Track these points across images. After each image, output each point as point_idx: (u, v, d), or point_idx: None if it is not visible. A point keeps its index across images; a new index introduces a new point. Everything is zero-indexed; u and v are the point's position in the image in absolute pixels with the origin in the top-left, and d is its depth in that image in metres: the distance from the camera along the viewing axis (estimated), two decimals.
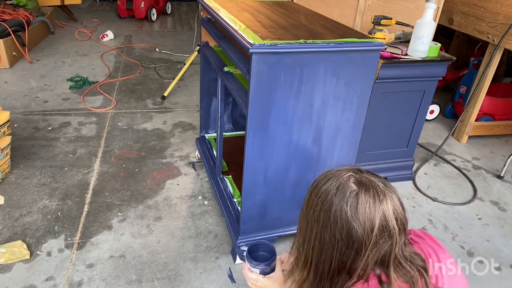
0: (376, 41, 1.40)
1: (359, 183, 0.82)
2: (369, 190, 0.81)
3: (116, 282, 1.61)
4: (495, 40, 2.51)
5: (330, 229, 0.81)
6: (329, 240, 0.82)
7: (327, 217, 0.82)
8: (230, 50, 1.60)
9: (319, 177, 0.89)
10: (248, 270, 1.24)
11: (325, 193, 0.83)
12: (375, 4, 2.36)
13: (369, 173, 0.86)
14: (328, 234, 0.82)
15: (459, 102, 3.10)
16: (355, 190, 0.81)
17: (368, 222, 0.79)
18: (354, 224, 0.79)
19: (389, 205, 0.80)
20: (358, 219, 0.79)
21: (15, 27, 3.75)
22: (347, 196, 0.80)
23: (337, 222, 0.80)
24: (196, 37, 4.48)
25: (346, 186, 0.82)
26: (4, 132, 2.09)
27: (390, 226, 0.79)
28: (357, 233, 0.79)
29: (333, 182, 0.84)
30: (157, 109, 3.09)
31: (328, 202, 0.82)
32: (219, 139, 1.91)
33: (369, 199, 0.80)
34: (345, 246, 0.81)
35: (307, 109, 1.44)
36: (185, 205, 2.07)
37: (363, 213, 0.79)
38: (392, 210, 0.80)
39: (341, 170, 0.87)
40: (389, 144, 2.30)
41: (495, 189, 2.40)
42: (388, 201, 0.80)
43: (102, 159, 2.39)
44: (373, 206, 0.79)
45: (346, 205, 0.80)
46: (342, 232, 0.80)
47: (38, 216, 1.92)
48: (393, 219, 0.80)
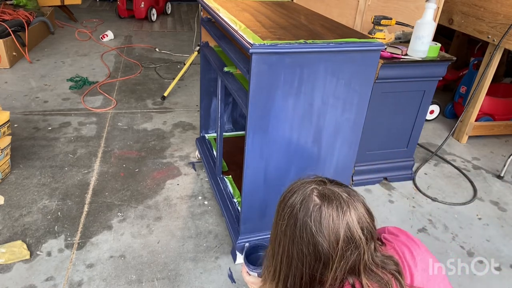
0: (376, 41, 1.40)
1: (322, 196, 0.82)
2: (331, 202, 0.80)
3: (116, 282, 1.61)
4: (495, 40, 2.51)
5: (297, 244, 0.81)
6: (297, 254, 0.82)
7: (293, 232, 0.81)
8: (230, 50, 1.60)
9: (286, 190, 0.88)
10: (246, 273, 1.25)
11: (290, 207, 0.83)
12: (375, 4, 2.36)
13: (333, 183, 0.86)
14: (295, 249, 0.82)
15: (459, 102, 3.10)
16: (318, 204, 0.80)
17: (332, 235, 0.78)
18: (319, 238, 0.78)
19: (353, 215, 0.79)
20: (322, 233, 0.78)
21: (15, 27, 3.75)
22: (311, 210, 0.80)
23: (303, 238, 0.80)
24: (196, 37, 4.48)
25: (309, 200, 0.81)
26: (4, 132, 2.09)
27: (355, 237, 0.79)
28: (323, 247, 0.79)
29: (298, 196, 0.83)
30: (157, 109, 3.09)
31: (293, 217, 0.82)
32: (219, 139, 1.91)
33: (332, 212, 0.79)
34: (313, 260, 0.80)
35: (307, 109, 1.44)
36: (185, 205, 2.07)
37: (327, 226, 0.78)
38: (356, 220, 0.79)
39: (305, 182, 0.86)
40: (389, 144, 2.30)
41: (495, 189, 2.40)
42: (352, 212, 0.79)
43: (102, 159, 2.39)
44: (336, 219, 0.79)
45: (310, 220, 0.79)
46: (309, 247, 0.80)
47: (38, 216, 1.92)
48: (358, 229, 0.79)
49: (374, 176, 2.35)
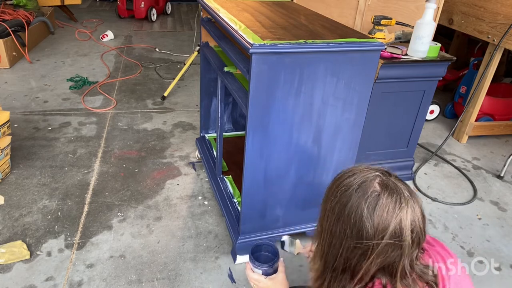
0: (376, 41, 1.40)
1: (384, 185, 0.80)
2: (392, 195, 0.78)
3: (116, 282, 1.61)
4: (495, 40, 2.51)
5: (342, 223, 0.80)
6: (339, 233, 0.80)
7: (341, 210, 0.80)
8: (230, 50, 1.60)
9: (345, 170, 0.87)
10: (250, 270, 1.24)
11: (346, 186, 0.81)
12: (375, 4, 2.36)
13: (397, 178, 0.83)
14: (339, 228, 0.80)
15: (459, 102, 3.10)
16: (377, 191, 0.79)
17: (381, 226, 0.76)
18: (366, 224, 0.77)
19: (408, 214, 0.77)
20: (372, 220, 0.76)
21: (15, 27, 3.75)
22: (368, 194, 0.78)
23: (350, 218, 0.78)
24: (196, 37, 4.48)
25: (369, 185, 0.80)
26: (4, 132, 2.09)
27: (403, 236, 0.76)
28: (367, 234, 0.77)
29: (357, 178, 0.81)
30: (157, 109, 3.09)
31: (346, 196, 0.80)
32: (219, 139, 1.91)
33: (390, 203, 0.77)
34: (352, 244, 0.79)
35: (307, 109, 1.44)
36: (185, 205, 2.07)
37: (379, 215, 0.76)
38: (410, 220, 0.77)
39: (369, 167, 0.85)
40: (389, 144, 2.30)
41: (495, 189, 2.40)
42: (408, 210, 0.77)
43: (102, 159, 2.39)
44: (391, 211, 0.76)
45: (364, 203, 0.77)
46: (353, 229, 0.78)
47: (38, 216, 1.92)
48: (408, 229, 0.77)
49: None
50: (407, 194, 0.79)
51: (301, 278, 1.67)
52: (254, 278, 1.23)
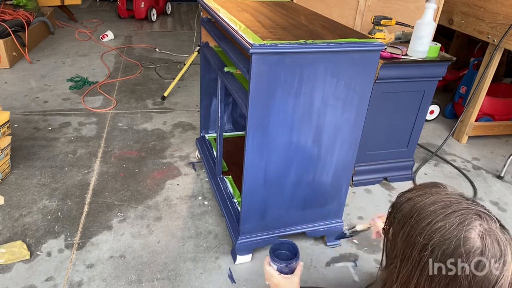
0: (376, 41, 1.40)
1: (485, 239, 0.69)
2: (494, 254, 0.69)
3: (116, 282, 1.61)
4: (495, 40, 2.51)
5: (433, 282, 0.72)
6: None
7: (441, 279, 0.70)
8: (230, 50, 1.60)
9: (426, 199, 0.75)
10: (267, 263, 1.26)
11: (443, 238, 0.70)
12: (375, 4, 2.36)
13: (497, 222, 0.73)
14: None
15: (459, 102, 3.10)
16: (479, 248, 0.68)
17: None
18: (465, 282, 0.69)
19: (509, 275, 0.69)
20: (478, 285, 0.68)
21: (15, 27, 3.75)
22: (471, 254, 0.68)
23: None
24: (196, 37, 4.48)
25: (469, 238, 0.69)
26: (4, 132, 2.09)
27: None
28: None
29: (455, 222, 0.70)
30: (157, 109, 3.09)
31: (439, 250, 0.70)
32: (219, 139, 1.91)
33: (493, 265, 0.68)
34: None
35: (307, 109, 1.44)
36: (185, 205, 2.07)
37: (480, 279, 0.68)
38: (509, 280, 0.70)
39: (463, 207, 0.72)
40: (389, 144, 2.30)
41: (495, 189, 2.40)
42: (510, 271, 0.69)
43: (102, 159, 2.39)
44: (494, 275, 0.68)
45: (467, 265, 0.68)
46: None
47: (38, 216, 1.92)
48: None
49: (374, 176, 2.35)
50: (510, 250, 0.70)
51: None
52: (269, 272, 1.24)
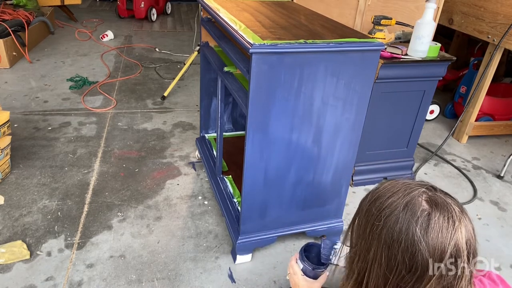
0: (376, 41, 1.40)
1: (432, 203, 0.73)
2: (443, 213, 0.71)
3: (116, 282, 1.61)
4: (495, 40, 2.51)
5: (391, 249, 0.72)
6: (388, 260, 0.73)
7: (390, 236, 0.72)
8: (230, 50, 1.60)
9: (381, 189, 0.79)
10: (294, 260, 1.23)
11: (390, 208, 0.73)
12: (375, 4, 2.36)
13: (443, 193, 0.77)
14: (388, 255, 0.73)
15: (459, 102, 3.10)
16: (426, 209, 0.72)
17: (438, 249, 0.70)
18: (421, 247, 0.70)
19: (463, 233, 0.71)
20: (426, 243, 0.70)
21: (15, 27, 3.75)
22: (417, 215, 0.71)
23: (401, 243, 0.71)
24: (196, 37, 4.48)
25: (416, 203, 0.72)
26: (4, 132, 2.09)
27: (461, 257, 0.71)
28: (422, 259, 0.70)
29: (401, 197, 0.74)
30: (157, 109, 3.09)
31: (392, 219, 0.72)
32: (219, 139, 1.91)
33: (443, 223, 0.70)
34: (405, 270, 0.72)
35: (307, 109, 1.44)
36: (185, 205, 2.07)
37: (434, 237, 0.70)
38: (465, 239, 0.71)
39: (410, 183, 0.77)
40: (389, 144, 2.30)
41: (495, 189, 2.40)
42: (463, 229, 0.71)
43: (102, 159, 2.39)
44: (446, 232, 0.70)
45: (415, 226, 0.70)
46: (405, 255, 0.71)
47: (38, 216, 1.92)
48: (465, 250, 0.71)
49: (374, 176, 2.35)
50: (458, 210, 0.73)
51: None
52: (293, 268, 1.21)
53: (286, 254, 1.80)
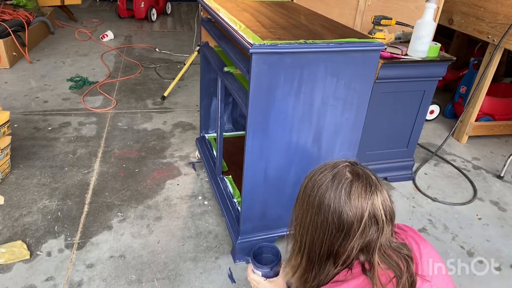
0: (376, 41, 1.40)
1: (354, 173, 0.88)
2: (362, 180, 0.86)
3: (116, 282, 1.61)
4: (495, 40, 2.51)
5: (323, 212, 0.86)
6: (321, 223, 0.87)
7: (321, 201, 0.87)
8: (230, 50, 1.60)
9: (316, 168, 0.94)
10: (251, 271, 1.25)
11: (321, 180, 0.89)
12: (375, 4, 2.36)
13: (363, 167, 0.92)
14: (321, 218, 0.87)
15: (459, 102, 3.10)
16: (349, 178, 0.87)
17: (359, 209, 0.84)
18: (346, 208, 0.84)
19: (378, 196, 0.86)
20: (350, 205, 0.84)
21: (15, 27, 3.75)
22: (342, 182, 0.86)
23: (331, 206, 0.86)
24: (196, 37, 4.48)
25: (341, 174, 0.88)
26: (4, 132, 2.09)
27: (378, 216, 0.85)
28: (348, 217, 0.84)
29: (329, 171, 0.89)
30: (157, 109, 3.09)
31: (323, 188, 0.87)
32: (219, 139, 1.91)
33: (362, 188, 0.85)
34: (335, 229, 0.86)
35: (307, 109, 1.44)
36: (185, 205, 2.07)
37: (355, 199, 0.84)
38: (381, 201, 0.86)
39: (338, 160, 0.93)
40: (389, 144, 2.30)
41: (495, 189, 2.40)
42: (378, 193, 0.86)
43: (102, 159, 2.39)
44: (364, 195, 0.85)
45: (340, 191, 0.85)
46: (334, 216, 0.85)
47: (38, 216, 1.92)
48: (381, 210, 0.85)
49: None
50: (374, 178, 0.88)
51: None
52: (254, 279, 1.25)
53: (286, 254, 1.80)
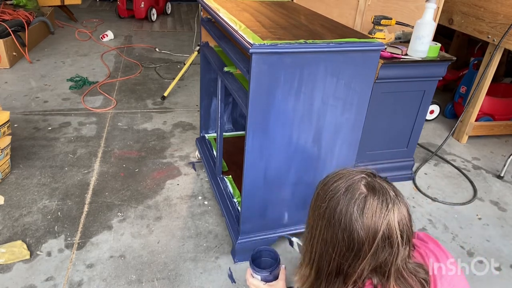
0: (376, 41, 1.40)
1: (370, 187, 0.81)
2: (378, 196, 0.79)
3: (116, 282, 1.61)
4: (495, 40, 2.51)
5: (333, 228, 0.80)
6: (331, 239, 0.81)
7: (331, 215, 0.81)
8: (230, 50, 1.60)
9: (330, 175, 0.87)
10: (250, 275, 1.23)
11: (334, 191, 0.82)
12: (375, 4, 2.36)
13: (382, 179, 0.84)
14: (330, 233, 0.81)
15: (459, 102, 3.10)
16: (364, 193, 0.80)
17: (372, 228, 0.77)
18: (357, 227, 0.78)
19: (396, 214, 0.78)
20: (362, 223, 0.78)
21: (15, 27, 3.75)
22: (356, 197, 0.79)
23: (341, 222, 0.79)
24: (196, 37, 4.48)
25: (356, 188, 0.81)
26: (4, 132, 2.09)
27: (393, 237, 0.78)
28: (358, 237, 0.78)
29: (344, 181, 0.82)
30: (157, 109, 3.09)
31: (335, 201, 0.81)
32: (219, 139, 1.91)
33: (377, 205, 0.78)
34: (345, 248, 0.80)
35: (307, 109, 1.44)
36: (185, 205, 2.07)
37: (369, 217, 0.77)
38: (398, 220, 0.78)
39: (354, 170, 0.85)
40: (389, 144, 2.30)
41: (495, 189, 2.40)
42: (395, 210, 0.78)
43: (102, 159, 2.39)
44: (379, 213, 0.78)
45: (353, 207, 0.78)
46: (344, 233, 0.79)
47: (38, 216, 1.92)
48: (397, 229, 0.78)
49: None
50: (392, 194, 0.81)
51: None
52: (253, 284, 1.22)
53: (286, 254, 1.80)
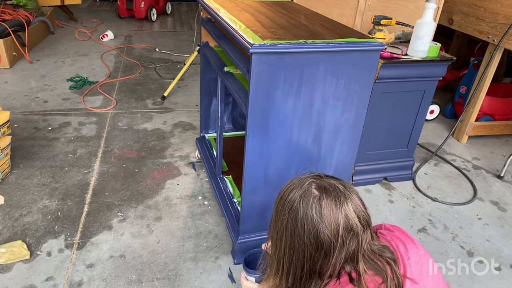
0: (376, 41, 1.40)
1: (320, 188, 0.86)
2: (330, 194, 0.85)
3: (116, 282, 1.61)
4: (495, 40, 2.51)
5: (298, 235, 0.85)
6: (299, 246, 0.85)
7: (294, 225, 0.85)
8: (230, 50, 1.60)
9: (283, 188, 0.92)
10: (244, 278, 1.25)
11: (290, 202, 0.87)
12: (375, 4, 2.36)
13: (328, 177, 0.91)
14: (297, 241, 0.85)
15: (459, 102, 3.10)
16: (317, 195, 0.85)
17: (333, 225, 0.83)
18: (320, 227, 0.83)
19: (349, 205, 0.84)
20: (323, 223, 0.83)
21: (15, 27, 3.75)
22: (311, 202, 0.84)
23: (305, 228, 0.84)
24: (196, 37, 4.48)
25: (308, 193, 0.86)
26: (4, 132, 2.09)
27: (353, 225, 0.83)
28: (324, 236, 0.83)
29: (296, 191, 0.87)
30: (157, 109, 3.09)
31: (294, 211, 0.85)
32: (219, 139, 1.91)
33: (331, 202, 0.84)
34: (314, 250, 0.84)
35: (307, 109, 1.44)
36: (185, 205, 2.07)
37: (327, 216, 0.83)
38: (353, 209, 0.84)
39: (302, 178, 0.90)
40: (389, 144, 2.30)
41: (495, 189, 2.40)
42: (348, 202, 0.84)
43: (102, 159, 2.39)
44: (336, 209, 0.83)
45: (311, 211, 0.83)
46: (310, 237, 0.83)
47: (38, 216, 1.92)
48: (355, 217, 0.84)
49: (374, 176, 2.35)
50: (341, 187, 0.87)
51: None
52: (248, 286, 1.24)
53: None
